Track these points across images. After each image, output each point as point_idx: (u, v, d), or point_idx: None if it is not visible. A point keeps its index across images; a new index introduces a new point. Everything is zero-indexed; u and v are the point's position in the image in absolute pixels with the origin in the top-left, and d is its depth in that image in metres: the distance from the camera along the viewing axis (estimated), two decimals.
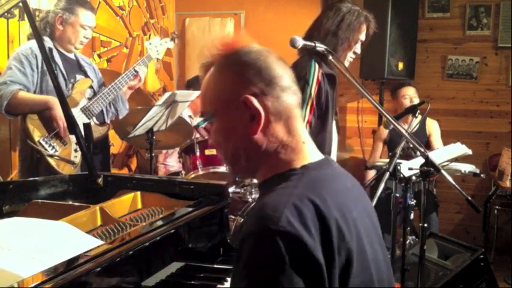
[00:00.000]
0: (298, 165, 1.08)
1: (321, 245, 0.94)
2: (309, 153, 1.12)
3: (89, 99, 3.00)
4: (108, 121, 3.16)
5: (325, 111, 2.48)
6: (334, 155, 2.70)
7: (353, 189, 1.14)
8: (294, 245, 0.92)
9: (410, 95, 4.42)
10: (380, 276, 1.07)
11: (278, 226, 0.93)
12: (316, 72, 2.42)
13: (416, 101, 4.32)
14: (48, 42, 2.86)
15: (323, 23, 2.49)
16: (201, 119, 1.15)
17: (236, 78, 1.09)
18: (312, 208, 0.97)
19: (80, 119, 2.84)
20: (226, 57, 1.12)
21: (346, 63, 2.58)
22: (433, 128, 4.56)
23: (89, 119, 2.94)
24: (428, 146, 4.44)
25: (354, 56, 2.58)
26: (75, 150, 2.84)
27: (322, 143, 2.49)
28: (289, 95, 1.10)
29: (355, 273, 0.98)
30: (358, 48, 2.55)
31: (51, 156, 2.75)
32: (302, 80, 2.43)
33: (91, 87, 3.04)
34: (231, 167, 1.18)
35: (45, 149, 2.75)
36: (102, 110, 3.06)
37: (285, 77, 1.10)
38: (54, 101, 2.67)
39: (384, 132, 4.55)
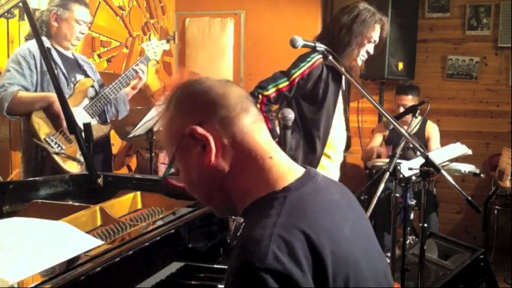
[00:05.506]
0: (278, 187, 0.99)
1: (313, 278, 0.87)
2: (283, 168, 1.03)
3: (91, 98, 3.01)
4: (108, 120, 3.17)
5: (322, 101, 2.58)
6: (341, 153, 2.77)
7: (341, 201, 1.05)
8: (283, 283, 0.85)
9: (404, 104, 4.36)
10: (380, 284, 1.02)
11: (265, 264, 0.85)
12: (313, 59, 2.51)
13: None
14: (46, 42, 2.84)
15: (339, 17, 2.60)
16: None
17: (178, 115, 1.04)
18: (303, 238, 0.89)
19: (84, 118, 2.85)
20: (168, 99, 1.07)
21: (359, 61, 2.66)
22: (432, 131, 4.54)
23: (92, 118, 2.95)
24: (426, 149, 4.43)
25: (366, 56, 2.65)
26: None
27: (316, 128, 2.59)
28: (237, 112, 1.02)
29: None
30: (371, 47, 2.63)
31: (57, 154, 2.76)
32: (298, 61, 2.53)
33: (92, 86, 3.05)
34: (211, 206, 1.11)
35: (51, 147, 2.75)
36: (104, 109, 3.08)
37: (228, 95, 1.03)
38: (54, 95, 2.67)
39: (384, 128, 4.55)
